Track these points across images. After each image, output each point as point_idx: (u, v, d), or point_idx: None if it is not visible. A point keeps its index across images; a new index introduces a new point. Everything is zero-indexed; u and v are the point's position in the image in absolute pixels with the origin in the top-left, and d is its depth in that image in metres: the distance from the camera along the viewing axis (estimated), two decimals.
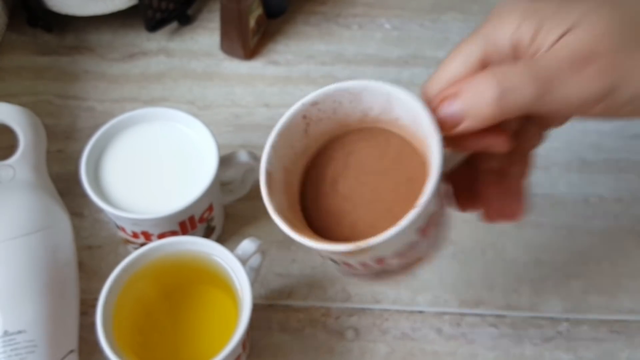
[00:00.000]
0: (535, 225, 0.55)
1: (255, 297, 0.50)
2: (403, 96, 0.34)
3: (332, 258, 0.35)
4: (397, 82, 0.65)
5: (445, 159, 0.33)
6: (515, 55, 0.31)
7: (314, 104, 0.36)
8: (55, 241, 0.48)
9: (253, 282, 0.49)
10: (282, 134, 0.36)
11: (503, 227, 0.54)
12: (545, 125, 0.37)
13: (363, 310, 0.51)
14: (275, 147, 0.36)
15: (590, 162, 0.58)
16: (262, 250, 0.47)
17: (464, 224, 0.55)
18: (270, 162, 0.35)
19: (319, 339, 0.50)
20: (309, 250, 0.43)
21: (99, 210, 0.54)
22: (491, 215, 0.37)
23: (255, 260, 0.48)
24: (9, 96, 0.62)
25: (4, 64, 0.65)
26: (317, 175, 0.37)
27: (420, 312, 0.51)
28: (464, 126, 0.31)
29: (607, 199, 0.56)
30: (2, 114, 0.51)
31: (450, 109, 0.31)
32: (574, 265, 0.53)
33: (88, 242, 0.54)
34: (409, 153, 0.35)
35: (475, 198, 0.37)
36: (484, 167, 0.37)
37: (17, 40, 0.66)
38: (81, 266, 0.52)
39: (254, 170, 0.53)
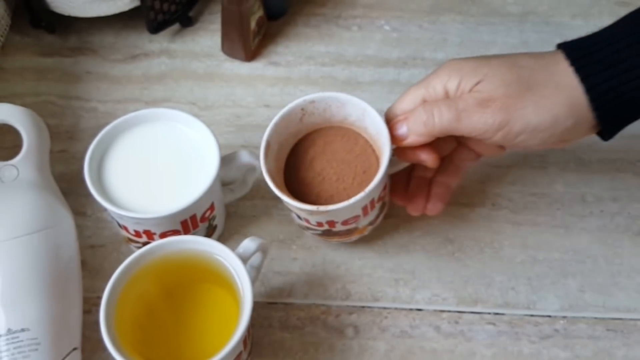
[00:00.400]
0: (532, 224, 0.55)
1: (256, 295, 0.51)
2: (373, 114, 0.48)
3: (298, 214, 0.48)
4: (396, 82, 0.66)
5: (393, 164, 0.48)
6: (446, 97, 0.45)
7: (311, 101, 0.49)
8: (58, 240, 0.48)
9: (254, 281, 0.50)
10: (283, 117, 0.49)
11: (501, 227, 0.55)
12: (478, 152, 0.50)
13: (362, 308, 0.51)
14: (277, 125, 0.48)
15: (587, 161, 0.58)
16: (263, 249, 0.47)
17: (462, 223, 0.55)
18: (270, 135, 0.48)
19: (319, 336, 0.50)
20: (308, 248, 0.45)
21: (102, 209, 0.54)
22: (414, 210, 0.51)
23: (256, 259, 0.49)
24: (12, 97, 0.62)
25: (7, 65, 0.65)
26: (301, 153, 0.50)
27: (419, 310, 0.51)
28: (408, 141, 0.46)
29: (604, 198, 0.56)
30: (5, 115, 0.51)
31: (400, 129, 0.46)
32: (570, 264, 0.53)
33: (91, 241, 0.54)
34: (369, 152, 0.49)
35: (406, 195, 0.51)
36: (417, 175, 0.51)
37: (20, 41, 0.67)
38: (84, 265, 0.52)
39: (255, 169, 0.53)
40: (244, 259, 0.45)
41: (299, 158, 0.50)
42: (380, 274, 0.53)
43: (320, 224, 0.48)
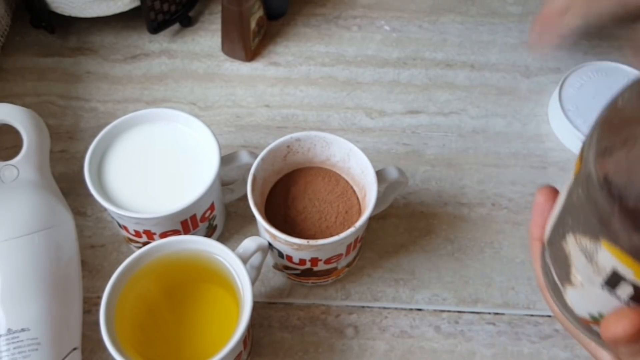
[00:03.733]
0: None
1: (256, 295, 0.51)
2: (360, 154, 0.48)
3: (281, 250, 0.47)
4: (396, 82, 0.66)
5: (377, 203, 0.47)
6: None
7: (297, 139, 0.49)
8: (58, 240, 0.48)
9: (254, 281, 0.50)
10: (270, 152, 0.48)
11: (500, 226, 0.55)
12: None
13: (362, 308, 0.51)
14: (263, 160, 0.48)
15: None
16: (263, 249, 0.47)
17: (462, 223, 0.55)
18: (257, 169, 0.47)
19: (319, 336, 0.50)
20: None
21: (102, 209, 0.54)
22: None
23: (256, 259, 0.49)
24: (12, 97, 0.62)
25: (8, 65, 0.65)
26: (282, 191, 0.50)
27: (419, 310, 0.51)
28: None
29: None
30: (6, 115, 0.51)
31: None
32: None
33: (91, 241, 0.54)
34: (350, 193, 0.50)
35: None
36: None
37: (20, 41, 0.67)
38: (84, 265, 0.52)
39: None
40: (244, 259, 0.45)
41: (280, 196, 0.49)
42: (380, 274, 0.53)
43: (302, 262, 0.47)
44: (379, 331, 0.50)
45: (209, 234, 0.52)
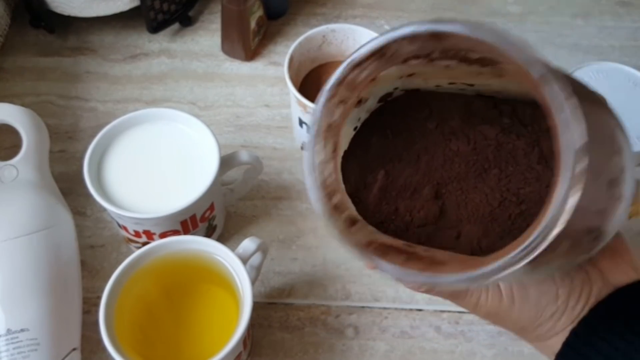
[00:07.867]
0: None
1: (256, 296, 0.51)
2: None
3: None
4: None
5: None
6: None
7: (333, 30, 0.54)
8: (58, 240, 0.48)
9: (254, 281, 0.50)
10: (307, 38, 0.54)
11: None
12: None
13: (363, 308, 0.51)
14: (300, 44, 0.54)
15: None
16: (262, 249, 0.47)
17: None
18: (294, 50, 0.53)
19: (319, 336, 0.50)
20: (308, 248, 0.44)
21: (102, 209, 0.54)
22: None
23: (256, 259, 0.49)
24: (12, 97, 0.62)
25: (7, 64, 0.65)
26: (315, 80, 0.57)
27: (419, 310, 0.51)
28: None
29: None
30: (5, 115, 0.51)
31: None
32: None
33: (91, 241, 0.54)
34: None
35: None
36: None
37: (20, 41, 0.67)
38: (84, 265, 0.52)
39: (255, 169, 0.53)
40: (244, 259, 0.45)
41: (313, 84, 0.53)
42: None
43: None
44: (379, 331, 0.50)
45: (208, 234, 0.52)
